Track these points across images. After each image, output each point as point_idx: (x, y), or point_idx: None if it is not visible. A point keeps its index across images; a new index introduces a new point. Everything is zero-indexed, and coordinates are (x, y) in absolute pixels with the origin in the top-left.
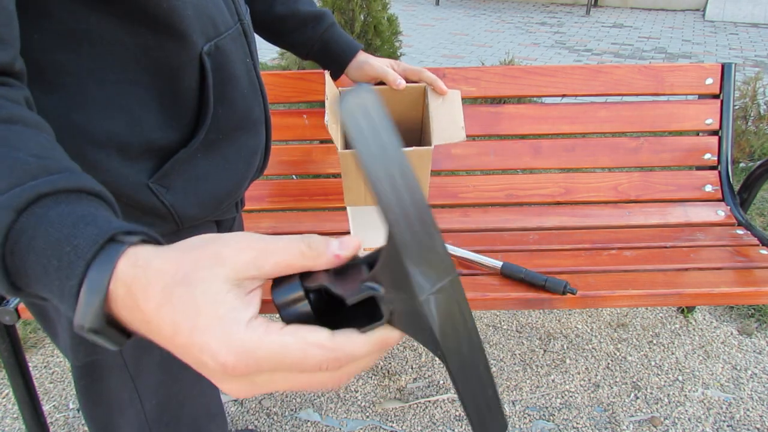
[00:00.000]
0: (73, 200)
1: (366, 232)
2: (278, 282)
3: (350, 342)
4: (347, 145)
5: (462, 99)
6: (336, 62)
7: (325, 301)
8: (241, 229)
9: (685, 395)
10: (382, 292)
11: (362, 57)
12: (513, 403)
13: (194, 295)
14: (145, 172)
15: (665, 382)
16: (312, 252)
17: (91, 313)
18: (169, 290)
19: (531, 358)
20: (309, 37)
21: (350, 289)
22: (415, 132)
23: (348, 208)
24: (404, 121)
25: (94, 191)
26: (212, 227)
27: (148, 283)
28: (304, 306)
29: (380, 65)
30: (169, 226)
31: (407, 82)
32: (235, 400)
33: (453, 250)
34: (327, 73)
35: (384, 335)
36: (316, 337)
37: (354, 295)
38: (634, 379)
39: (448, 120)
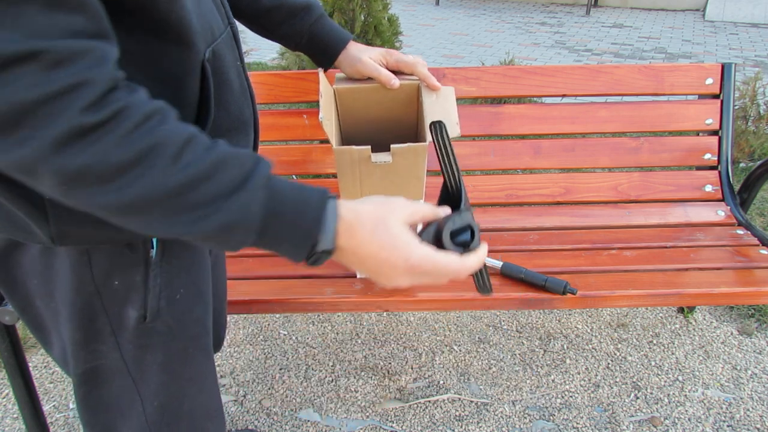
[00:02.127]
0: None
1: None
2: (427, 225)
3: (468, 259)
4: (342, 142)
5: (462, 99)
6: (325, 54)
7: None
8: None
9: (685, 395)
10: (475, 227)
11: (354, 51)
12: (513, 403)
13: (390, 229)
14: None
15: (665, 382)
16: (435, 210)
17: (330, 237)
18: (376, 226)
19: (531, 358)
20: (297, 29)
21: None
22: (410, 129)
23: None
24: (399, 118)
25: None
26: None
27: (362, 221)
28: (465, 236)
29: (373, 65)
30: None
31: (401, 74)
32: (235, 400)
33: None
34: (320, 71)
35: (480, 254)
36: (453, 258)
37: (459, 232)
38: (634, 379)
39: (442, 116)
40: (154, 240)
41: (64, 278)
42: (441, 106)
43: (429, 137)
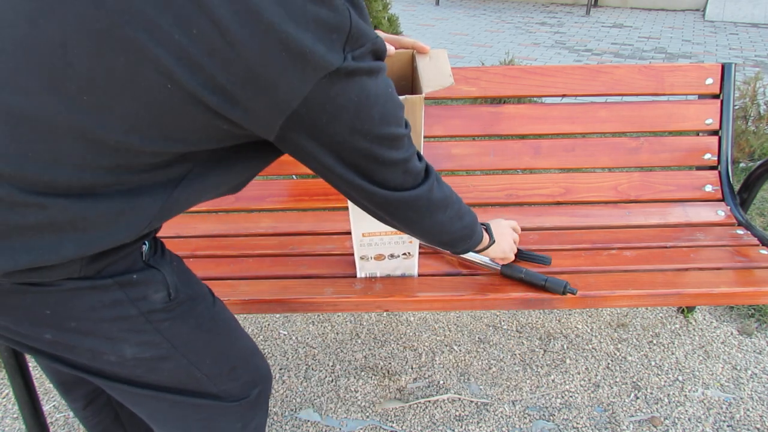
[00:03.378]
0: None
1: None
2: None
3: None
4: None
5: (462, 99)
6: None
7: None
8: None
9: (685, 395)
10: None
11: None
12: (513, 403)
13: (504, 227)
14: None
15: (665, 382)
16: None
17: (486, 240)
18: (503, 229)
19: (531, 358)
20: None
21: None
22: (407, 92)
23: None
24: (396, 85)
25: None
26: None
27: (499, 231)
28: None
29: None
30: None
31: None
32: None
33: None
34: None
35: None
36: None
37: None
38: (634, 379)
39: (435, 72)
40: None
41: (85, 296)
42: (434, 65)
43: (424, 90)
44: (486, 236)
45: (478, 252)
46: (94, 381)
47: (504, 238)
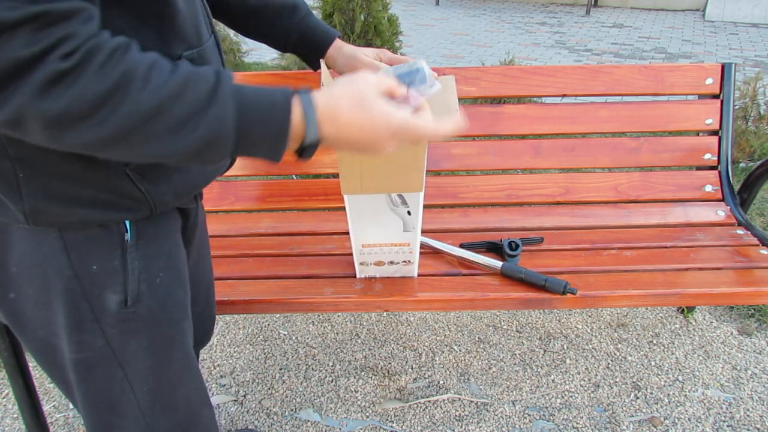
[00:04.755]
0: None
1: (364, 220)
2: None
3: (444, 123)
4: None
5: (462, 99)
6: (316, 50)
7: None
8: (203, 217)
9: (685, 395)
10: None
11: (349, 50)
12: (513, 403)
13: (368, 101)
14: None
15: (665, 382)
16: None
17: (313, 129)
18: (354, 104)
19: (531, 358)
20: (286, 28)
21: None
22: None
23: (345, 197)
24: None
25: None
26: (177, 215)
27: (340, 105)
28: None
29: (369, 60)
30: (142, 212)
31: None
32: (235, 400)
33: (453, 250)
34: (323, 62)
35: (454, 119)
36: (429, 119)
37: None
38: (634, 379)
39: (442, 106)
40: (128, 222)
41: (42, 264)
42: (442, 97)
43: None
44: (291, 120)
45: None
46: (43, 369)
47: (357, 120)
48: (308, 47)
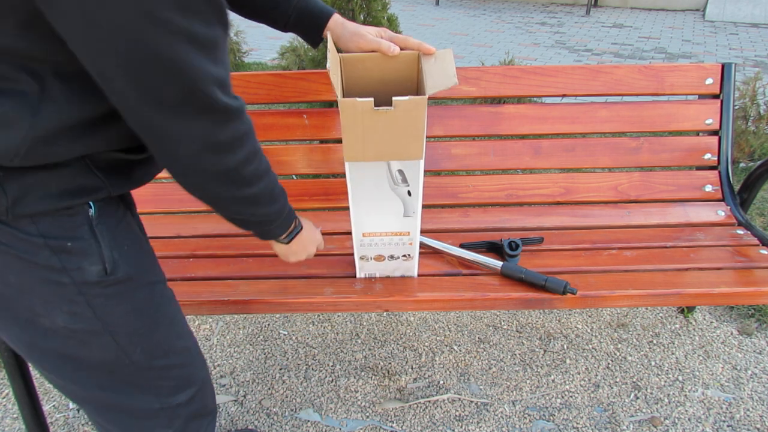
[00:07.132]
0: None
1: (365, 201)
2: None
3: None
4: (347, 94)
5: (462, 99)
6: (313, 29)
7: None
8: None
9: (685, 395)
10: None
11: (352, 27)
12: (513, 403)
13: (311, 231)
14: (89, 148)
15: (665, 382)
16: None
17: (293, 235)
18: (307, 228)
19: (531, 358)
20: (284, 10)
21: None
22: (412, 93)
23: (347, 169)
24: (401, 85)
25: None
26: (127, 197)
27: (305, 230)
28: None
29: (372, 37)
30: (102, 194)
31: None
32: (235, 400)
33: (453, 250)
34: (328, 33)
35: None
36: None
37: None
38: (634, 379)
39: (440, 74)
40: (91, 201)
41: (21, 248)
42: (439, 66)
43: (427, 92)
44: (295, 221)
45: (280, 235)
46: (27, 359)
47: (305, 239)
48: (308, 23)
